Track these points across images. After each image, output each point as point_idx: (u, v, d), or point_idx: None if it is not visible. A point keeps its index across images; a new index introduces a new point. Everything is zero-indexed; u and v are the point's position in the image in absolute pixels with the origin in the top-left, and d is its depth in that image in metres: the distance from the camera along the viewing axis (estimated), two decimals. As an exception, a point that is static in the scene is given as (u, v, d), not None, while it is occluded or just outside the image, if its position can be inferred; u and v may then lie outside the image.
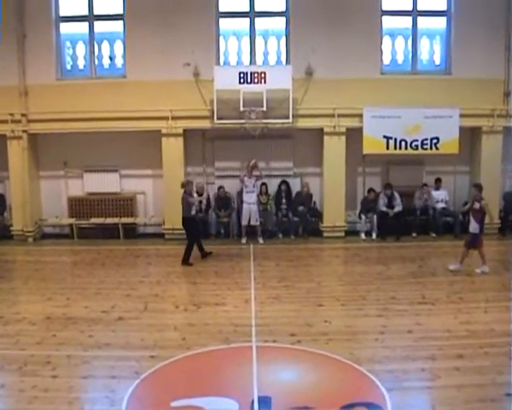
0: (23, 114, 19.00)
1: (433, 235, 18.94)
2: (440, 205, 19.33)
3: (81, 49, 19.46)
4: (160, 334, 11.19)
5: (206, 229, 19.34)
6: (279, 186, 19.83)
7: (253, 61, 19.29)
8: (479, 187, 15.37)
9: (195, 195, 19.19)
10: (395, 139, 18.61)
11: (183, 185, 16.35)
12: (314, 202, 19.87)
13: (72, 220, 19.89)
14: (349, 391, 9.13)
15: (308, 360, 10.23)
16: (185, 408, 8.33)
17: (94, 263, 16.69)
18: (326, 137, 19.05)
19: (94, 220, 19.85)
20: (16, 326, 11.63)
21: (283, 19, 19.15)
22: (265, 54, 19.41)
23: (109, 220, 19.81)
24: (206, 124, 18.89)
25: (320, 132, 19.13)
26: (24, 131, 19.10)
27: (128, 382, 9.02)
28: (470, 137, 19.61)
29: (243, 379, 9.29)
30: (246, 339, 10.88)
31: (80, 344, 10.65)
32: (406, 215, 19.37)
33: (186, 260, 16.22)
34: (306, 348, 10.58)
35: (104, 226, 19.86)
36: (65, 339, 10.90)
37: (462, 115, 18.55)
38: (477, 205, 15.07)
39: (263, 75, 18.13)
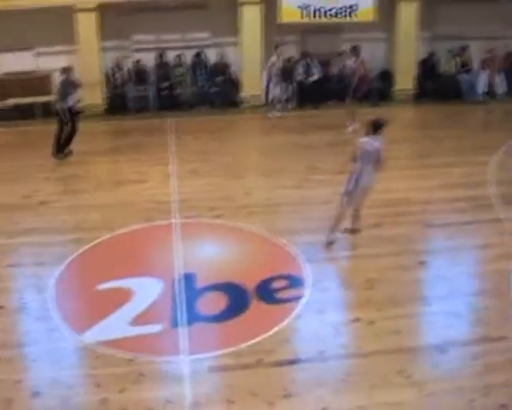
0: None
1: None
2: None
3: None
4: (82, 216, 11.24)
5: (124, 103, 19.10)
6: (196, 57, 19.58)
7: None
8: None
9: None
10: (312, 7, 18.49)
11: (62, 71, 14.95)
12: (232, 72, 19.73)
13: (-13, 103, 19.31)
14: (269, 264, 9.45)
15: (229, 235, 10.51)
16: (111, 290, 8.54)
17: (12, 146, 16.38)
18: (244, 7, 18.76)
19: (10, 102, 19.30)
20: None
21: None
22: None
23: (26, 100, 19.28)
24: (119, -4, 18.33)
25: (235, 2, 18.83)
26: None
27: (54, 268, 9.13)
28: (389, 4, 19.54)
29: (167, 257, 9.52)
30: (168, 216, 11.05)
31: (5, 232, 10.62)
32: (324, 83, 19.48)
33: (61, 150, 14.84)
34: (227, 222, 10.86)
35: (21, 107, 19.34)
36: (-11, 226, 10.85)
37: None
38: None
39: None
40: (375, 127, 9.77)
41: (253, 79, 19.20)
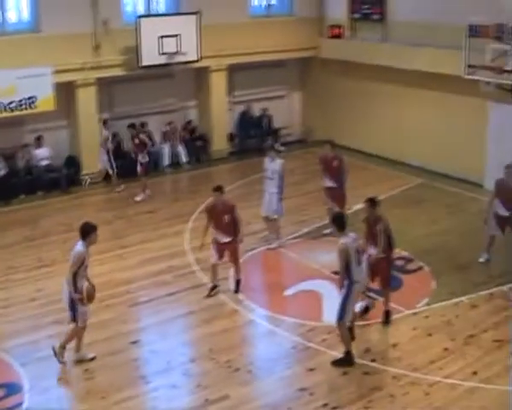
0: None
1: (41, 193, 18.80)
2: (44, 162, 19.36)
3: None
4: None
5: None
6: None
7: None
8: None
9: None
10: (-11, 103, 18.15)
11: None
12: None
13: None
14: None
15: None
16: None
17: None
18: None
19: None
20: None
21: None
22: None
23: None
24: None
25: None
26: None
27: None
28: (66, 91, 19.67)
29: None
30: None
31: None
32: (11, 178, 19.04)
33: None
34: None
35: None
36: None
37: (56, 71, 18.52)
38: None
39: None
40: (83, 233, 9.27)
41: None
